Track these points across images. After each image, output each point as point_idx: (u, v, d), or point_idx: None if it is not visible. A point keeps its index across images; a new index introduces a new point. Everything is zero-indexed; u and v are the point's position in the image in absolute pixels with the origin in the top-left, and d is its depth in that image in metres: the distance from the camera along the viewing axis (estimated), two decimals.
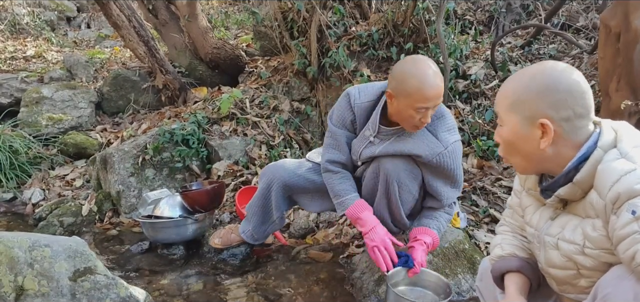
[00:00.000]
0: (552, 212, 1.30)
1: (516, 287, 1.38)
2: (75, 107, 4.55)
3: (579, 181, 1.17)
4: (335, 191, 2.10)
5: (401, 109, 1.89)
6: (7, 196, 3.77)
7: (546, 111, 1.16)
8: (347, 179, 2.12)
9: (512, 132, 1.23)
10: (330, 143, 2.15)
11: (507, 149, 1.27)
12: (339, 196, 2.08)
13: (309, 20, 3.67)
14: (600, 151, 1.15)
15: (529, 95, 1.18)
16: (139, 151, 3.43)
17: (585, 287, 1.25)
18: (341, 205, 2.08)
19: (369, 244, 1.98)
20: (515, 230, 1.49)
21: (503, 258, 1.44)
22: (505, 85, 1.26)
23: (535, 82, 1.18)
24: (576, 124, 1.17)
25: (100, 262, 1.82)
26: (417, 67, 1.84)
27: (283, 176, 2.29)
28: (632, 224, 1.06)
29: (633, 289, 1.08)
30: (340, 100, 2.12)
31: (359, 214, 2.03)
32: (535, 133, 1.18)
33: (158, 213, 2.80)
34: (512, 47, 3.86)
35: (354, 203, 2.05)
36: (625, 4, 2.22)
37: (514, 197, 1.48)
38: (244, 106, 3.89)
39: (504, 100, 1.24)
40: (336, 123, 2.12)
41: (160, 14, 4.82)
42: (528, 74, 1.21)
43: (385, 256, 1.94)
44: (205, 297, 2.30)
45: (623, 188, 1.08)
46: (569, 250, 1.23)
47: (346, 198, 2.06)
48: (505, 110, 1.23)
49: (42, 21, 7.46)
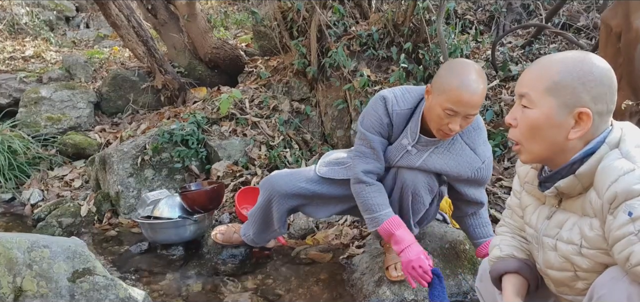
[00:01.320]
0: (548, 211, 1.29)
1: (514, 288, 1.37)
2: (74, 108, 4.54)
3: (580, 174, 1.16)
4: (368, 204, 1.94)
5: (433, 105, 1.79)
6: (5, 196, 3.76)
7: (588, 101, 1.13)
8: (381, 192, 1.96)
9: (544, 116, 1.17)
10: (365, 152, 1.97)
11: (528, 133, 1.21)
12: (372, 211, 1.93)
13: (309, 20, 3.66)
14: (606, 147, 1.14)
15: (571, 82, 1.14)
16: (138, 152, 3.42)
17: (582, 289, 1.24)
18: (374, 220, 1.93)
19: (405, 261, 1.88)
20: (514, 231, 1.48)
21: (501, 259, 1.43)
22: (540, 66, 1.20)
23: (581, 69, 1.14)
24: (605, 119, 1.16)
25: (99, 263, 1.82)
26: (463, 68, 1.74)
27: (283, 188, 2.19)
28: (628, 225, 1.05)
29: (627, 290, 1.08)
30: (374, 105, 1.96)
31: (394, 230, 1.90)
32: (569, 121, 1.15)
33: (157, 214, 2.80)
34: (512, 47, 3.86)
35: (389, 219, 1.91)
36: (626, 4, 2.22)
37: (513, 197, 1.47)
38: (243, 106, 3.88)
39: (540, 81, 1.18)
40: (370, 129, 1.95)
41: (159, 14, 4.81)
42: (571, 60, 1.17)
43: (421, 274, 1.86)
44: (205, 298, 2.29)
45: (621, 188, 1.07)
46: (567, 251, 1.22)
47: (380, 214, 1.92)
48: (541, 92, 1.17)
49: (41, 21, 7.44)
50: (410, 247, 1.86)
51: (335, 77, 3.55)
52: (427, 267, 1.84)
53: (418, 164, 1.94)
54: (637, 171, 1.07)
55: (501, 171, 2.85)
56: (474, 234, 2.12)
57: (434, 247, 2.27)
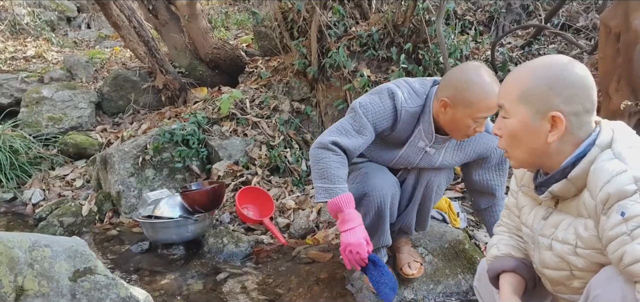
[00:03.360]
0: (544, 212, 1.30)
1: (511, 287, 1.38)
2: (76, 108, 4.55)
3: (573, 177, 1.17)
4: (329, 173, 1.80)
5: (458, 118, 1.78)
6: (7, 196, 3.77)
7: (559, 105, 1.15)
8: (344, 165, 1.84)
9: (520, 124, 1.21)
10: (348, 130, 1.87)
11: (510, 141, 1.25)
12: (331, 180, 1.80)
13: (309, 20, 3.67)
14: (597, 149, 1.15)
15: (541, 88, 1.17)
16: (139, 151, 3.43)
17: (578, 288, 1.25)
18: (329, 191, 1.80)
19: (344, 243, 1.82)
20: (512, 230, 1.49)
21: (499, 258, 1.45)
22: (513, 76, 1.23)
23: (548, 75, 1.17)
24: (583, 119, 1.17)
25: (100, 263, 1.82)
26: (479, 75, 1.72)
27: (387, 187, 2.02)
28: (621, 225, 1.06)
29: (621, 290, 1.09)
30: (382, 97, 1.89)
31: (345, 208, 1.79)
32: (545, 126, 1.18)
33: (158, 213, 2.81)
34: (512, 47, 3.86)
35: (344, 194, 1.80)
36: (625, 5, 2.23)
37: (511, 197, 1.48)
38: (244, 106, 3.89)
39: (512, 91, 1.21)
40: (369, 115, 1.87)
41: (160, 14, 4.82)
42: (539, 66, 1.19)
43: (357, 260, 1.82)
44: (205, 297, 2.30)
45: (613, 189, 1.07)
46: (562, 250, 1.23)
47: (338, 186, 1.80)
48: (514, 101, 1.21)
49: (42, 21, 7.46)
50: (354, 230, 1.80)
51: (335, 78, 3.56)
52: (365, 254, 1.80)
53: (439, 162, 1.99)
54: (629, 171, 1.07)
55: None
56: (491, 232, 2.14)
57: (434, 247, 2.28)
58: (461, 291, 2.17)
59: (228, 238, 2.76)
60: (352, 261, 1.82)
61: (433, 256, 2.22)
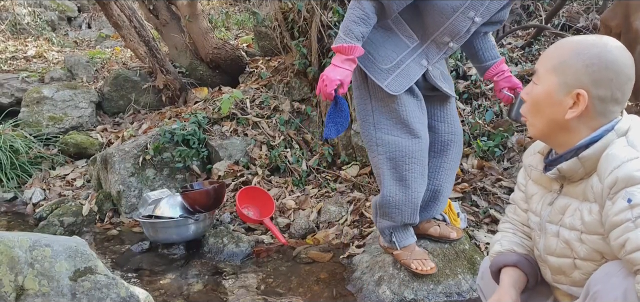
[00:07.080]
0: (550, 197, 1.30)
1: (511, 280, 1.38)
2: (76, 107, 4.55)
3: (584, 157, 1.17)
4: (352, 28, 1.83)
5: None
6: (7, 195, 3.77)
7: (587, 84, 1.15)
8: (366, 24, 1.86)
9: (545, 93, 1.21)
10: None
11: (532, 108, 1.26)
12: (352, 33, 1.83)
13: (310, 20, 3.67)
14: (614, 135, 1.15)
15: (577, 64, 1.16)
16: (139, 151, 3.43)
17: (578, 279, 1.25)
18: (340, 39, 1.85)
19: (325, 72, 1.86)
20: (517, 226, 1.50)
21: (501, 254, 1.45)
22: (557, 45, 1.24)
23: (589, 53, 1.16)
24: (609, 107, 1.17)
25: (100, 262, 1.82)
26: None
27: None
28: (626, 211, 1.06)
29: (622, 284, 1.09)
30: None
31: (351, 55, 1.84)
32: (567, 101, 1.18)
33: (158, 213, 2.81)
34: (512, 47, 3.86)
35: (357, 47, 1.83)
36: (625, 5, 2.22)
37: (518, 191, 1.48)
38: (244, 106, 3.89)
39: (549, 59, 1.22)
40: None
41: (161, 14, 4.83)
42: (585, 42, 1.19)
43: (325, 90, 1.85)
44: (206, 297, 2.30)
45: (622, 174, 1.07)
46: (570, 237, 1.23)
47: (354, 41, 1.83)
48: (547, 69, 1.22)
49: (43, 21, 7.47)
50: (338, 69, 1.85)
51: None
52: (332, 90, 1.85)
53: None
54: None
55: (501, 171, 2.86)
56: (483, 57, 2.13)
57: (434, 247, 2.28)
58: (461, 291, 2.17)
59: (228, 238, 2.76)
60: (322, 90, 1.89)
61: (433, 256, 2.22)
